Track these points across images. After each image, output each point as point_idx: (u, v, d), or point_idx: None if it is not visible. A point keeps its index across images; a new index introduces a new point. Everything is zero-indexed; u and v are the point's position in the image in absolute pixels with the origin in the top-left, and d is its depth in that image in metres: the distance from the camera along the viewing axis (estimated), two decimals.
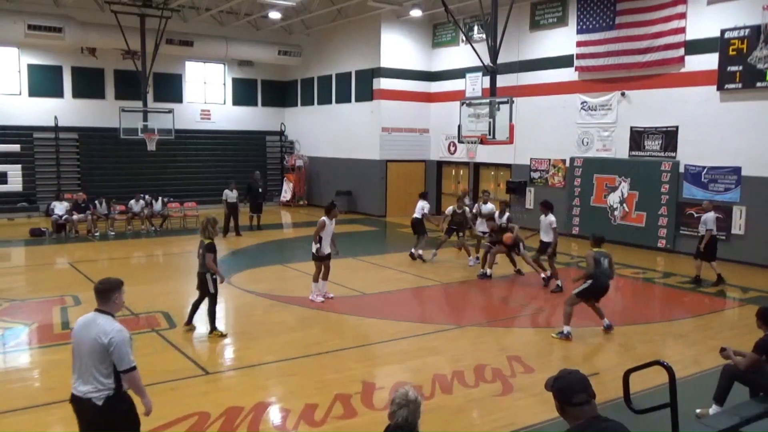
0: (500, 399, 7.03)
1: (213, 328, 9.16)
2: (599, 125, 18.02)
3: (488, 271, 13.16)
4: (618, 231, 17.36)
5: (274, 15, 22.91)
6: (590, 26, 17.81)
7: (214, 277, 9.06)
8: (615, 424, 3.10)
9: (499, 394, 7.15)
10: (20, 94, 22.45)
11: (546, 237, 12.08)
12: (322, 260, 10.96)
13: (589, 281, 9.10)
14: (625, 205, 17.35)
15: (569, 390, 3.10)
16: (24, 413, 6.47)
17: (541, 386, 6.38)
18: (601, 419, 3.08)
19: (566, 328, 9.12)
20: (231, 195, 18.29)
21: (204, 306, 9.27)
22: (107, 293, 4.51)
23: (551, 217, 11.98)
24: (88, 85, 23.42)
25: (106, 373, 4.38)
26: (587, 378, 3.17)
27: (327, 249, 10.97)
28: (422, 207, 15.02)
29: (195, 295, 9.48)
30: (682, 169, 16.06)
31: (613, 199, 17.64)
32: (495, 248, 13.15)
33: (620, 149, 17.53)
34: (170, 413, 6.38)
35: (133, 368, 4.46)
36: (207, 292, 9.11)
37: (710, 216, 12.76)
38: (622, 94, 17.34)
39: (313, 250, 10.93)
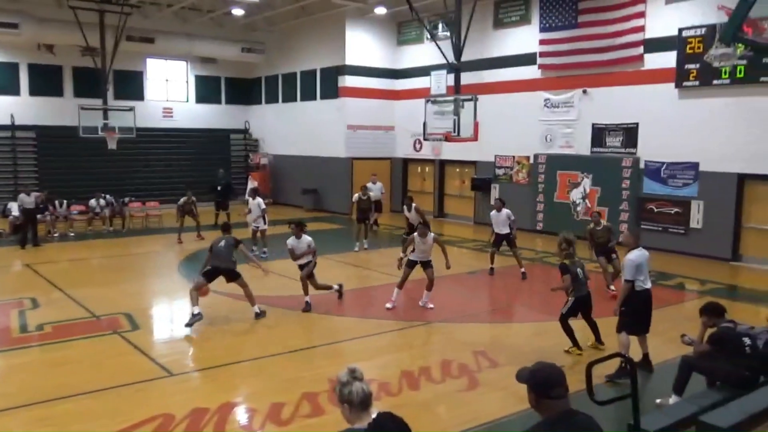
0: (466, 393, 7.09)
1: None
2: (562, 122, 18.28)
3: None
4: (581, 226, 17.54)
5: (237, 12, 22.68)
6: (553, 25, 18.04)
7: None
8: (585, 417, 3.14)
9: (465, 389, 7.22)
10: None
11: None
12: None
13: None
14: (587, 200, 17.63)
15: (548, 383, 3.10)
16: None
17: (506, 380, 6.41)
18: (572, 413, 3.11)
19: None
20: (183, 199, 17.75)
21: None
22: None
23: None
24: (46, 82, 22.87)
25: None
26: (563, 371, 3.20)
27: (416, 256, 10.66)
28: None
29: (158, 296, 9.48)
30: (642, 165, 16.39)
31: (576, 194, 17.91)
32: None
33: (582, 146, 17.81)
34: (134, 415, 6.29)
35: None
36: None
37: None
38: (584, 92, 17.61)
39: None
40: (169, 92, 25.93)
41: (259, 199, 15.06)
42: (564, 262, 8.19)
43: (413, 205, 14.52)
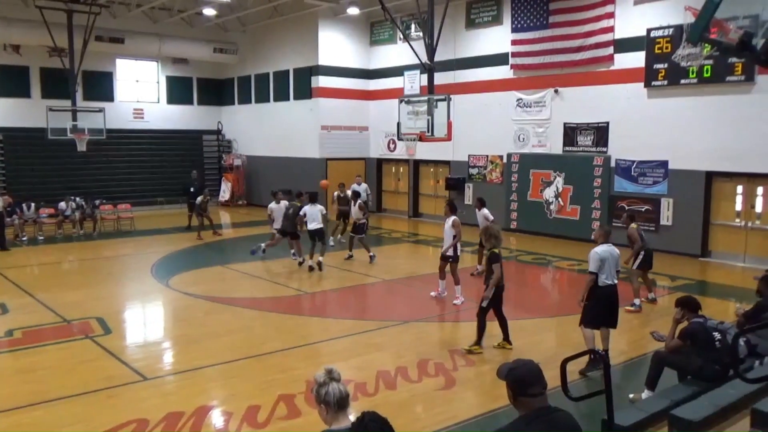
0: (443, 392, 7.11)
1: None
2: (534, 122, 18.45)
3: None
4: (554, 224, 17.84)
5: (209, 12, 22.46)
6: (524, 25, 18.20)
7: None
8: (563, 414, 3.18)
9: (441, 387, 7.24)
10: None
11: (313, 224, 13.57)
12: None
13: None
14: (560, 199, 17.82)
15: (526, 380, 3.13)
16: None
17: (482, 378, 6.46)
18: (551, 409, 3.15)
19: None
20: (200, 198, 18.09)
21: None
22: None
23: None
24: (12, 83, 22.36)
25: None
26: (541, 369, 3.24)
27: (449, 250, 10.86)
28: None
29: (130, 299, 9.37)
30: (613, 164, 16.61)
31: (549, 193, 18.10)
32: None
33: (554, 145, 17.99)
34: (107, 421, 6.20)
35: None
36: None
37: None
38: (556, 92, 17.79)
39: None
40: (140, 93, 25.56)
41: (284, 202, 14.97)
42: (494, 251, 8.27)
43: (359, 201, 15.27)
